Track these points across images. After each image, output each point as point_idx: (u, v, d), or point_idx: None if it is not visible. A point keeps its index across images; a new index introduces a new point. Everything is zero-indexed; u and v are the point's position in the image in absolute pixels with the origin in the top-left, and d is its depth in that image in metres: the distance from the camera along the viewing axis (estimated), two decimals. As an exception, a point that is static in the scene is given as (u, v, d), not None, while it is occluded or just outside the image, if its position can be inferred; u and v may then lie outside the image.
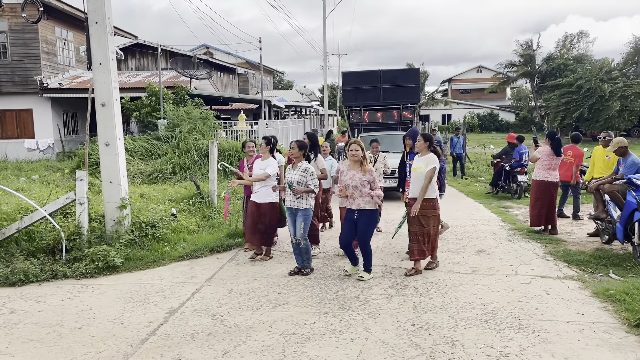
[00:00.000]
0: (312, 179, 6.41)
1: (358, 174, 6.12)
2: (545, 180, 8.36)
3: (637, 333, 4.52)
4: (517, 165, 12.42)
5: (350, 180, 6.14)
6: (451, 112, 54.29)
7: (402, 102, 17.09)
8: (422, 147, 6.47)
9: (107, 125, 7.51)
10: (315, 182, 6.43)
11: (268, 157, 7.14)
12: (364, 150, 6.19)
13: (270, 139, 7.30)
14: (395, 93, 17.17)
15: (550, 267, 6.58)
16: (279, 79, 65.65)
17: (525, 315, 5.00)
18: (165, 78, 22.56)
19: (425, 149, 6.45)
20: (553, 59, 42.69)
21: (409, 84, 17.42)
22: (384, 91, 17.28)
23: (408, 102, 17.27)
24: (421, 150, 6.48)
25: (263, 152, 7.20)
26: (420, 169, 6.36)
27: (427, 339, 4.53)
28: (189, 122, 16.25)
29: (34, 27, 19.93)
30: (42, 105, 21.06)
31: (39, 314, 5.35)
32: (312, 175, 6.42)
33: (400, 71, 18.74)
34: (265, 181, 7.00)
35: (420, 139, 6.52)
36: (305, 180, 6.39)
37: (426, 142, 6.46)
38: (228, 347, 4.45)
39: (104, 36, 7.34)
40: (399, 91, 17.18)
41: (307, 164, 6.52)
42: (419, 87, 18.38)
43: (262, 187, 7.05)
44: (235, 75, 34.36)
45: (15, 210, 7.86)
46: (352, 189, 6.14)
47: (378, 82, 17.35)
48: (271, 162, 7.08)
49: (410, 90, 17.44)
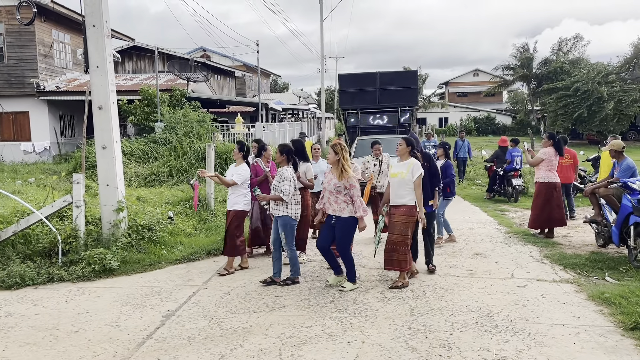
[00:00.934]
0: (284, 185, 6.02)
1: (334, 179, 5.88)
2: (551, 181, 8.36)
3: (632, 336, 4.54)
4: (511, 169, 12.49)
5: (327, 184, 5.98)
6: (448, 115, 54.39)
7: (399, 104, 16.88)
8: (403, 152, 6.15)
9: (104, 128, 7.51)
10: (285, 189, 6.01)
11: (241, 163, 6.84)
12: (343, 154, 5.89)
13: (243, 144, 6.97)
14: (392, 96, 16.96)
15: (547, 271, 6.60)
16: (275, 82, 65.66)
17: (522, 319, 5.02)
18: (162, 81, 22.55)
19: (407, 154, 6.13)
20: (549, 63, 42.86)
21: (406, 87, 17.18)
22: (381, 94, 17.07)
23: (406, 104, 17.05)
24: (402, 154, 6.15)
25: (236, 157, 6.89)
26: (401, 174, 6.02)
27: (424, 342, 4.54)
28: (185, 124, 16.23)
29: (31, 30, 19.90)
30: (38, 107, 21.01)
31: (35, 318, 5.34)
32: (285, 181, 6.04)
33: (397, 73, 18.40)
34: (235, 188, 6.72)
35: (402, 142, 6.19)
36: (278, 186, 6.10)
37: (408, 147, 6.14)
38: (225, 351, 4.45)
39: (101, 39, 7.34)
40: (396, 94, 16.97)
41: (284, 169, 6.15)
42: (417, 90, 18.06)
43: (231, 194, 6.79)
44: (232, 78, 34.37)
45: (11, 213, 7.84)
46: (328, 193, 5.95)
47: (375, 84, 17.12)
48: (241, 169, 6.77)
49: (408, 92, 17.21)
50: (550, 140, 8.43)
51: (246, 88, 36.75)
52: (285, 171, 6.13)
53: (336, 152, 5.88)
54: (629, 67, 34.65)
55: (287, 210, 6.13)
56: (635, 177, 6.94)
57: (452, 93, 63.89)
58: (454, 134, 40.76)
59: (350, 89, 17.35)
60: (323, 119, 36.68)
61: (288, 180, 6.04)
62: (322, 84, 36.90)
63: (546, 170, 8.40)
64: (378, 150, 8.58)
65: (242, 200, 6.76)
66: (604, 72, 33.24)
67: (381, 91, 17.04)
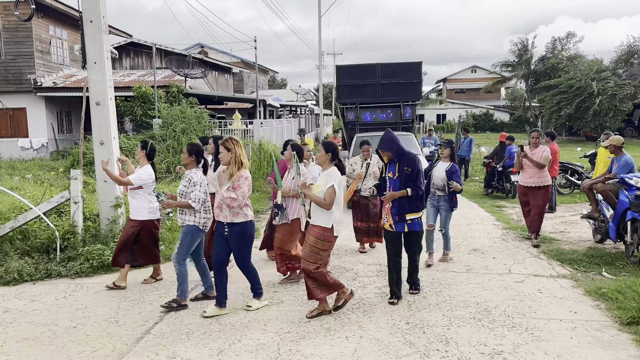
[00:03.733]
0: (195, 191, 5.22)
1: (227, 181, 5.03)
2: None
3: (629, 331, 4.56)
4: (510, 165, 12.50)
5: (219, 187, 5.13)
6: (446, 112, 54.39)
7: (402, 99, 15.43)
8: (323, 160, 5.04)
9: (102, 124, 7.49)
10: (195, 196, 5.19)
11: (144, 164, 6.02)
12: (236, 150, 4.98)
13: (146, 143, 6.10)
14: (395, 89, 15.50)
15: (544, 266, 6.63)
16: (273, 78, 65.58)
17: (519, 314, 5.04)
18: (159, 77, 22.50)
19: (327, 162, 5.03)
20: (547, 59, 42.90)
21: (410, 79, 15.66)
22: (382, 87, 15.62)
23: (409, 99, 15.57)
24: (322, 162, 5.07)
25: (139, 157, 6.07)
26: (318, 187, 5.00)
27: (421, 337, 4.56)
28: (183, 121, 16.22)
29: (28, 26, 19.81)
30: (36, 104, 20.94)
31: (33, 313, 5.34)
32: (195, 186, 5.23)
33: (400, 65, 16.50)
34: (136, 192, 5.96)
35: (320, 148, 5.09)
36: (186, 191, 5.30)
37: (328, 154, 5.01)
38: (223, 346, 4.46)
39: (99, 35, 7.32)
40: (399, 87, 15.49)
41: (193, 173, 5.31)
42: (421, 83, 16.32)
43: (132, 199, 6.06)
44: (230, 75, 34.33)
45: (9, 210, 7.84)
46: (220, 197, 5.06)
47: (376, 76, 15.66)
48: (143, 170, 5.98)
49: (412, 86, 15.69)
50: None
51: (244, 84, 36.72)
52: (194, 175, 5.29)
53: (229, 148, 4.97)
54: (624, 63, 34.73)
55: (194, 219, 5.28)
56: (633, 173, 6.96)
57: (450, 90, 63.89)
58: (451, 130, 40.73)
59: (348, 82, 15.96)
60: (321, 115, 36.66)
61: (198, 185, 5.24)
62: (320, 80, 36.87)
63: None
64: (367, 151, 7.68)
65: (146, 206, 5.99)
66: (596, 68, 33.36)
67: (382, 84, 15.67)
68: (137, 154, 6.11)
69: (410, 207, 5.37)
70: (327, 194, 4.86)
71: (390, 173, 5.41)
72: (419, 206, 5.45)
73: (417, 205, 5.43)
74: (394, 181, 5.39)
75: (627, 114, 32.51)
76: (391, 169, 5.43)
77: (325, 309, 5.11)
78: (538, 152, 7.69)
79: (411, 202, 5.36)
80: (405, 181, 5.31)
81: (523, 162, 7.72)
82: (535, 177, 7.66)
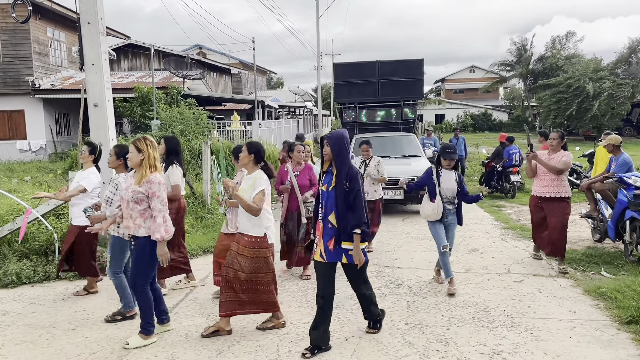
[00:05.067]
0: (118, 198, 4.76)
1: (133, 185, 4.44)
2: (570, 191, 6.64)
3: (628, 330, 4.56)
4: (509, 165, 12.53)
5: (125, 192, 4.54)
6: (444, 112, 54.42)
7: (403, 98, 14.83)
8: (245, 162, 4.62)
9: (100, 125, 7.48)
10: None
11: (89, 167, 5.66)
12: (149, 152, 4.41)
13: (94, 146, 5.72)
14: (395, 87, 14.89)
15: (543, 265, 6.63)
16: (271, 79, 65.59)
17: (518, 313, 5.04)
18: (158, 78, 22.49)
19: (251, 164, 4.61)
20: (545, 59, 42.97)
21: (411, 77, 15.06)
22: (382, 85, 15.01)
23: (410, 98, 15.02)
24: (245, 165, 4.65)
25: (84, 160, 5.68)
26: (245, 193, 4.51)
27: (421, 337, 4.55)
28: (181, 122, 16.20)
29: (26, 28, 19.81)
30: (34, 106, 20.93)
31: (32, 316, 5.33)
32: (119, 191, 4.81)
33: (401, 62, 15.76)
34: (79, 197, 5.55)
35: (244, 149, 4.63)
36: (112, 198, 4.91)
37: (251, 155, 4.60)
38: (222, 347, 4.45)
39: (96, 36, 7.31)
40: (399, 85, 14.88)
41: (121, 178, 4.91)
42: (422, 81, 15.63)
43: (73, 206, 5.74)
44: (228, 76, 34.34)
45: (7, 212, 7.82)
46: (125, 203, 4.49)
47: (376, 74, 15.06)
48: (90, 172, 5.60)
49: (413, 84, 15.07)
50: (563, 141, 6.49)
51: (242, 86, 36.72)
52: (122, 180, 4.86)
53: (140, 149, 4.39)
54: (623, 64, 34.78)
55: (118, 229, 4.92)
56: (631, 172, 6.97)
57: (449, 90, 63.95)
58: (450, 130, 40.78)
59: (347, 80, 15.32)
60: (320, 116, 36.65)
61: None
62: (319, 81, 36.83)
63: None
64: (366, 151, 7.44)
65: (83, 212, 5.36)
66: (593, 67, 33.45)
67: (382, 82, 15.06)
68: (83, 157, 5.68)
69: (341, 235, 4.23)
70: (255, 200, 4.41)
71: (325, 186, 4.32)
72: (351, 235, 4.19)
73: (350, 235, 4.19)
74: (327, 194, 4.30)
75: (626, 113, 32.61)
76: (326, 180, 4.33)
77: (224, 329, 4.68)
78: (557, 157, 6.37)
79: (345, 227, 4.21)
80: (343, 198, 4.18)
81: (536, 167, 6.50)
82: (551, 185, 6.36)
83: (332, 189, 4.24)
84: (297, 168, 6.38)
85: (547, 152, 6.52)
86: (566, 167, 6.28)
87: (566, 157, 6.32)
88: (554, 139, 6.43)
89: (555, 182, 6.34)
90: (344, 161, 4.25)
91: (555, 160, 6.34)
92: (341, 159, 4.24)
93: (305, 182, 6.29)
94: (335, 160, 4.24)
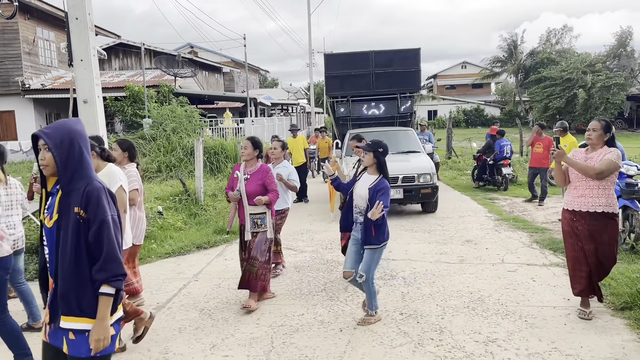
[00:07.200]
0: None
1: None
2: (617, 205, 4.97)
3: (622, 316, 4.57)
4: (501, 157, 12.58)
5: None
6: (437, 108, 54.48)
7: (399, 90, 13.89)
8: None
9: (90, 122, 7.38)
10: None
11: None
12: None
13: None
14: (391, 79, 13.91)
15: (536, 255, 6.64)
16: (264, 78, 65.47)
17: (512, 302, 5.04)
18: (149, 77, 22.37)
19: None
20: (536, 54, 43.14)
21: (407, 68, 14.01)
22: (376, 77, 14.01)
23: (407, 90, 14.01)
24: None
25: None
26: None
27: (415, 327, 4.54)
28: (173, 120, 16.13)
29: (15, 28, 19.65)
30: (24, 106, 20.79)
31: (22, 313, 5.26)
32: None
33: (396, 52, 14.57)
34: None
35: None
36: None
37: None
38: (216, 340, 4.42)
39: (85, 32, 7.23)
40: (395, 77, 13.90)
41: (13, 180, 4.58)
42: (419, 72, 14.50)
43: None
44: (220, 74, 34.22)
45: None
46: None
47: (369, 66, 14.02)
48: None
49: (410, 75, 14.02)
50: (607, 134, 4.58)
51: (234, 84, 36.61)
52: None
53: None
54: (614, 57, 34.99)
55: None
56: (623, 161, 6.98)
57: (441, 86, 64.06)
58: (443, 126, 40.83)
59: (338, 72, 14.24)
60: (312, 113, 36.62)
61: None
62: (311, 78, 36.79)
63: None
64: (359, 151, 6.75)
65: None
66: (588, 61, 33.64)
67: (376, 74, 14.07)
68: None
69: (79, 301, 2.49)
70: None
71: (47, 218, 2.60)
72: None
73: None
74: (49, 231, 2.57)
75: (620, 104, 32.84)
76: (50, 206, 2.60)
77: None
78: (598, 155, 4.48)
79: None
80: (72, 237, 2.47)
81: (567, 171, 4.63)
82: (590, 195, 4.48)
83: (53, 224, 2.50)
84: (249, 170, 5.22)
85: (585, 149, 4.64)
86: (609, 168, 4.32)
87: (610, 153, 4.38)
88: (594, 131, 4.48)
89: (595, 190, 4.44)
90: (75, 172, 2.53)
91: (594, 160, 4.46)
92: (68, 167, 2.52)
93: (256, 188, 5.10)
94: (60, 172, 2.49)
